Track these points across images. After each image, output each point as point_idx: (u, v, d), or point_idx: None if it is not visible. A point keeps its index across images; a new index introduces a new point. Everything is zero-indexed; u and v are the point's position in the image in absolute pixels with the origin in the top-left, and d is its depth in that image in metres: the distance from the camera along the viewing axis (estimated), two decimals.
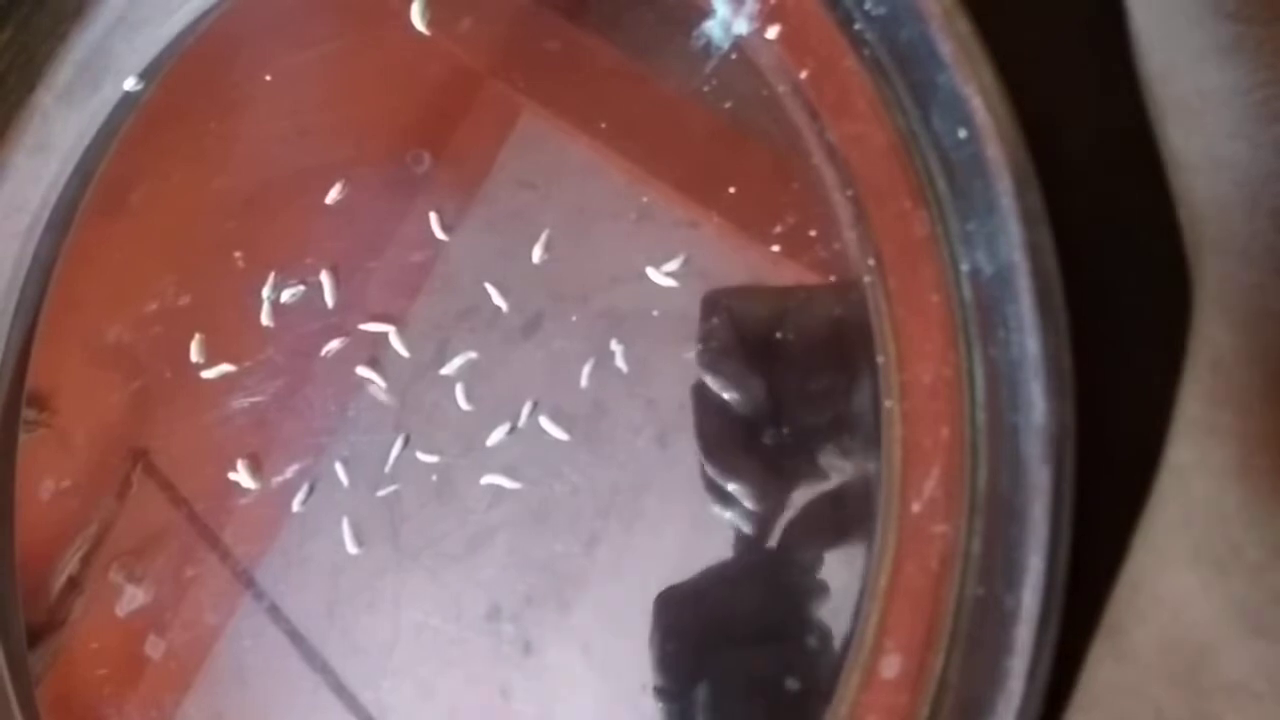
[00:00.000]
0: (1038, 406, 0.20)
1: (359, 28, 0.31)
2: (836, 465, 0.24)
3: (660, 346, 0.26)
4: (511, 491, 0.27)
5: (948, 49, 0.22)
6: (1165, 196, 0.21)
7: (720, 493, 0.25)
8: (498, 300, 0.28)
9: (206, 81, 0.32)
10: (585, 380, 0.27)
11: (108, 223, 0.33)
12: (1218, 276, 0.20)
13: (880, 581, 0.23)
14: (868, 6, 0.24)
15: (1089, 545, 0.20)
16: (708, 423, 0.25)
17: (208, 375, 0.31)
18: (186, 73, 0.32)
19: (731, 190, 0.26)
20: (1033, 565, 0.20)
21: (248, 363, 0.30)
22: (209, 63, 0.32)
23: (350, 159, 0.30)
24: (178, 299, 0.31)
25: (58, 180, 0.33)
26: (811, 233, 0.25)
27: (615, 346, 0.27)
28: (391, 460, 0.29)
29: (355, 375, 0.29)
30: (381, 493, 0.29)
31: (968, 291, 0.23)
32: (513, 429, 0.27)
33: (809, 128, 0.25)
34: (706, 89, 0.26)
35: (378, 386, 0.29)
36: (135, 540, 0.31)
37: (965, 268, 0.23)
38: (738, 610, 0.25)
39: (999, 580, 0.21)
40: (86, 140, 0.33)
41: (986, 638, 0.21)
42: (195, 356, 0.31)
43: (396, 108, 0.30)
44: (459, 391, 0.28)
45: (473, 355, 0.28)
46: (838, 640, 0.23)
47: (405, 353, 0.29)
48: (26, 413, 0.32)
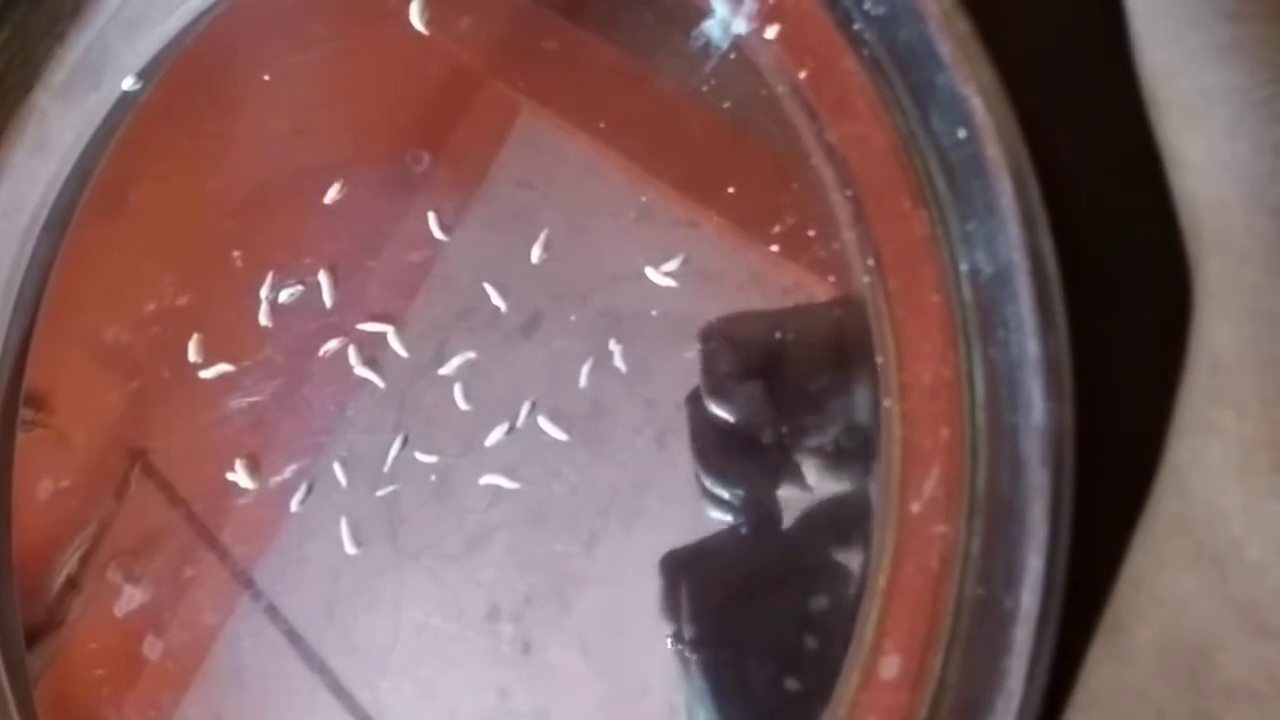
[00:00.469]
0: (1037, 407, 0.20)
1: (357, 27, 0.31)
2: (835, 466, 0.24)
3: (659, 346, 0.26)
4: (510, 491, 0.27)
5: (947, 49, 0.22)
6: (1165, 196, 0.21)
7: (716, 500, 0.25)
8: (496, 300, 0.28)
9: (205, 81, 0.32)
10: (584, 380, 0.27)
11: (106, 222, 0.33)
12: (1218, 276, 0.20)
13: (879, 582, 0.23)
14: (867, 6, 0.24)
15: (1088, 545, 0.20)
16: (704, 432, 0.25)
17: (206, 375, 0.31)
18: (185, 72, 0.32)
19: (731, 190, 0.26)
20: (1032, 565, 0.20)
21: (246, 363, 0.30)
22: (207, 62, 0.32)
23: (349, 158, 0.30)
24: (176, 299, 0.31)
25: (56, 180, 0.33)
26: (810, 233, 0.25)
27: (614, 346, 0.27)
28: (390, 460, 0.29)
29: (354, 375, 0.29)
30: (380, 493, 0.28)
31: (967, 292, 0.23)
32: (512, 429, 0.27)
33: (808, 128, 0.25)
34: (705, 89, 0.26)
35: (376, 386, 0.29)
36: (133, 540, 0.31)
37: (965, 268, 0.23)
38: (738, 610, 0.25)
39: (998, 580, 0.21)
40: (84, 140, 0.32)
41: (986, 638, 0.21)
42: (193, 356, 0.31)
43: (395, 107, 0.30)
44: (458, 391, 0.28)
45: (471, 355, 0.28)
46: (836, 640, 0.23)
47: (404, 353, 0.29)
48: (24, 412, 0.32)
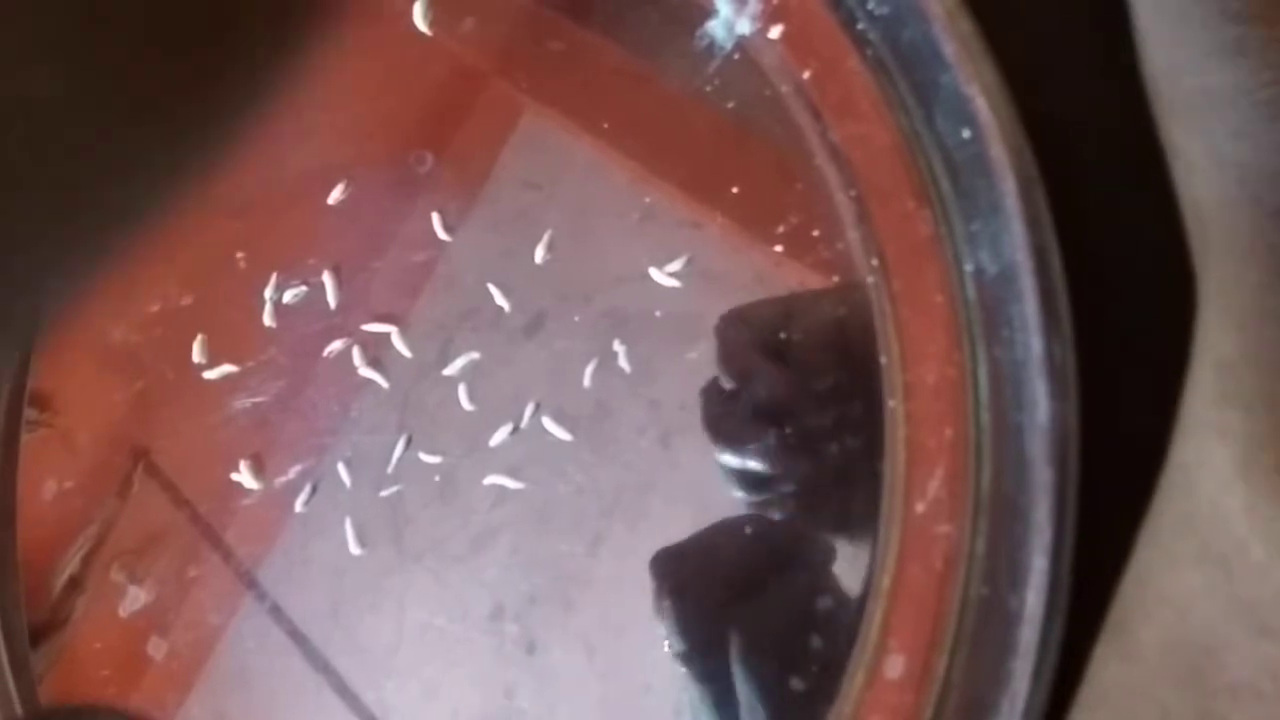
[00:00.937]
0: (1042, 406, 0.20)
1: (361, 28, 0.31)
2: (840, 466, 0.24)
3: (663, 347, 0.26)
4: (514, 492, 0.27)
5: (951, 49, 0.22)
6: (1169, 196, 0.21)
7: (732, 472, 0.25)
8: (500, 300, 0.28)
9: None
10: (588, 380, 0.27)
11: None
12: (1222, 276, 0.20)
13: (884, 582, 0.23)
14: (871, 6, 0.24)
15: (1093, 545, 0.20)
16: (718, 415, 0.25)
17: (210, 376, 0.31)
18: None
19: (735, 190, 0.26)
20: (1037, 565, 0.20)
21: (250, 363, 0.30)
22: None
23: (352, 159, 0.30)
24: (180, 299, 0.31)
25: None
26: (815, 233, 0.25)
27: (618, 347, 0.27)
28: (394, 461, 0.29)
29: (358, 375, 0.29)
30: (384, 493, 0.29)
31: (972, 292, 0.23)
32: (516, 429, 0.27)
33: (812, 128, 0.25)
34: (709, 89, 0.26)
35: (380, 387, 0.29)
36: (137, 540, 0.31)
37: (969, 268, 0.23)
38: (739, 611, 0.25)
39: (1003, 580, 0.21)
40: None
41: (991, 638, 0.21)
42: (198, 357, 0.31)
43: (399, 108, 0.30)
44: (462, 392, 0.28)
45: (475, 355, 0.28)
46: (841, 640, 0.23)
47: (408, 353, 0.29)
48: (29, 413, 0.32)
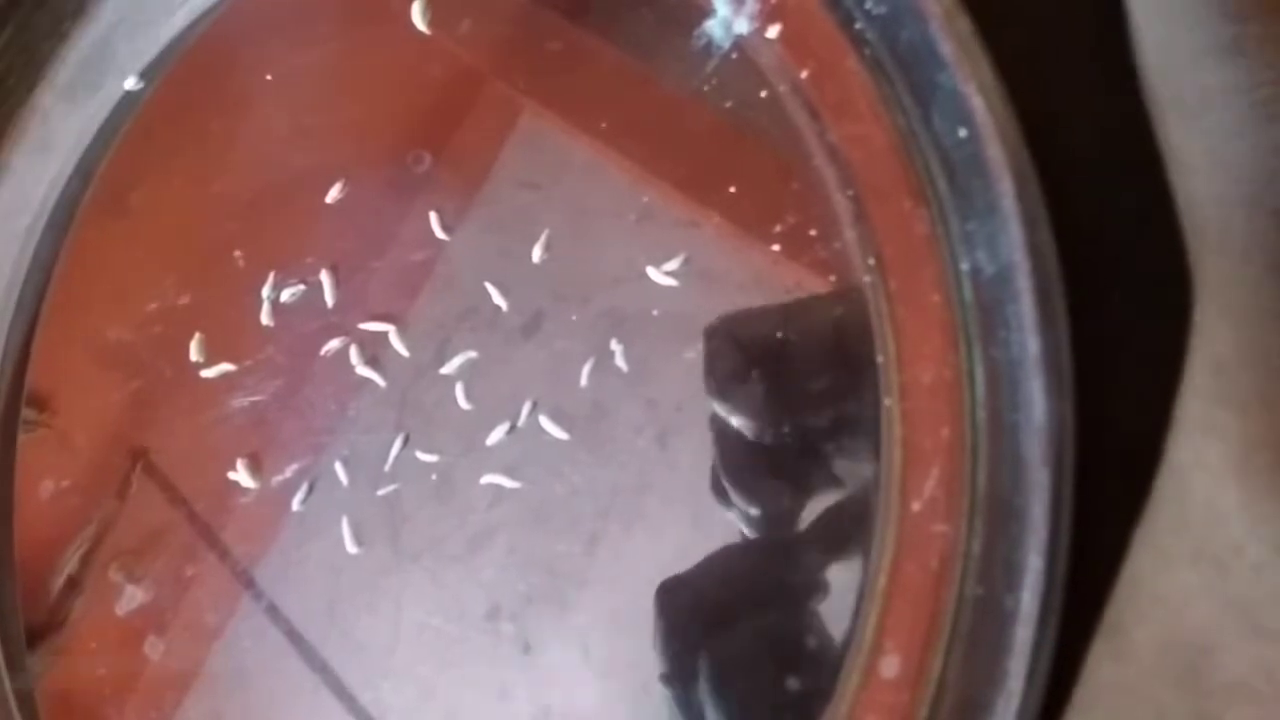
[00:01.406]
0: (1038, 406, 0.20)
1: (359, 28, 0.31)
2: (836, 465, 0.24)
3: (661, 346, 0.26)
4: (512, 491, 0.27)
5: (948, 48, 0.22)
6: (1166, 196, 0.21)
7: (723, 494, 0.25)
8: (498, 300, 0.28)
9: (207, 81, 0.32)
10: (585, 380, 0.27)
11: (109, 222, 0.33)
12: (1218, 276, 0.20)
13: (880, 581, 0.23)
14: (868, 6, 0.24)
15: (1089, 545, 0.20)
16: (721, 439, 0.25)
17: (208, 375, 0.31)
18: (187, 72, 0.32)
19: (732, 190, 0.26)
20: (1032, 565, 0.20)
21: (248, 362, 0.30)
22: (210, 62, 0.32)
23: (350, 159, 0.30)
24: (178, 298, 0.31)
25: (58, 180, 0.33)
26: (812, 232, 0.25)
27: (615, 346, 0.27)
28: (391, 459, 0.29)
29: (355, 375, 0.29)
30: (381, 492, 0.29)
31: (968, 291, 0.23)
32: (513, 428, 0.27)
33: (809, 127, 0.25)
34: (707, 89, 0.26)
35: (378, 386, 0.29)
36: (135, 540, 0.31)
37: (966, 267, 0.23)
38: (738, 610, 0.25)
39: (999, 580, 0.21)
40: (87, 140, 0.33)
41: (986, 638, 0.21)
42: (195, 356, 0.31)
43: (397, 108, 0.30)
44: (459, 391, 0.28)
45: (473, 355, 0.28)
46: (837, 640, 0.23)
47: (405, 352, 0.29)
48: (26, 412, 0.32)
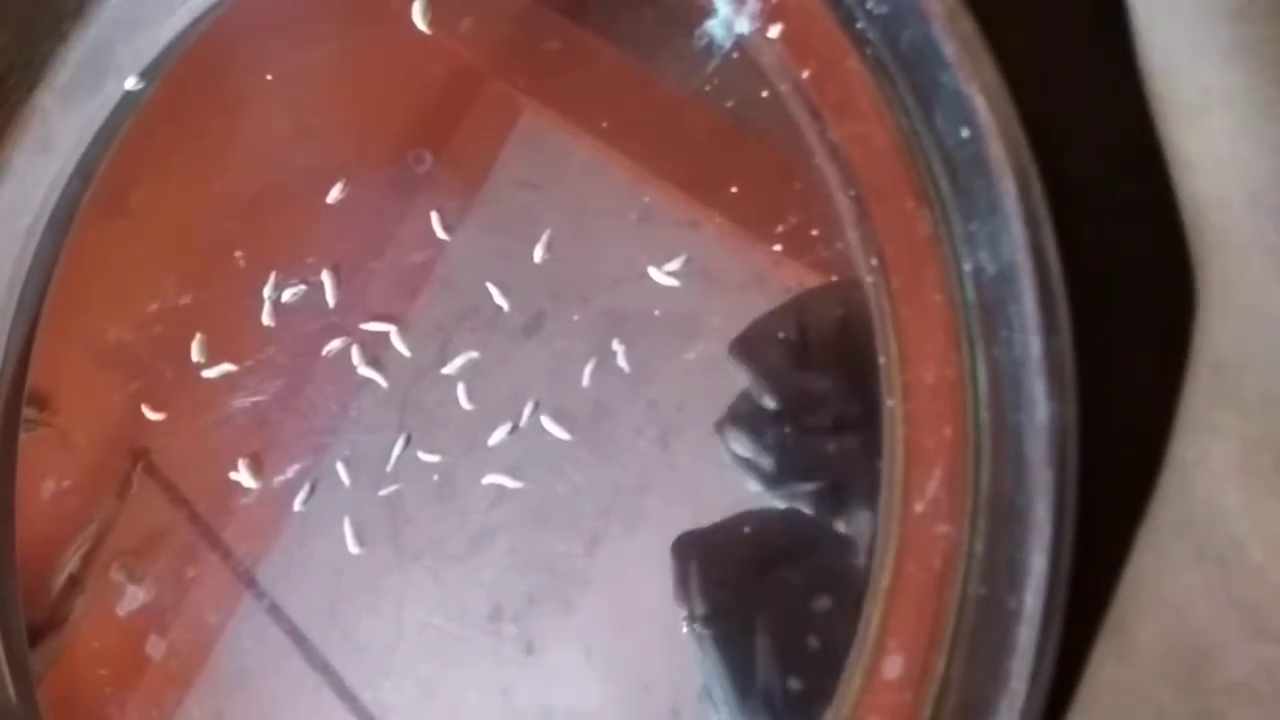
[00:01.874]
0: (1040, 406, 0.20)
1: (360, 27, 0.31)
2: (839, 465, 0.24)
3: (662, 346, 0.26)
4: (513, 491, 0.27)
5: (950, 48, 0.22)
6: (1168, 196, 0.21)
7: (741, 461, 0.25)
8: (499, 300, 0.28)
9: (207, 81, 0.32)
10: (587, 380, 0.27)
11: (109, 222, 0.33)
12: (1221, 276, 0.20)
13: (883, 581, 0.23)
14: (870, 6, 0.24)
15: (1092, 545, 0.20)
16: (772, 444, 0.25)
17: (209, 375, 0.31)
18: (187, 73, 0.32)
19: (733, 190, 0.26)
20: (1035, 565, 0.20)
21: (249, 362, 0.30)
22: (210, 62, 0.32)
23: (351, 159, 0.30)
24: (179, 298, 0.31)
25: (58, 180, 0.33)
26: (814, 232, 0.25)
27: (617, 346, 0.27)
28: (393, 460, 0.29)
29: (356, 375, 0.29)
30: (383, 492, 0.29)
31: (970, 291, 0.23)
32: (514, 429, 0.27)
33: (811, 127, 0.25)
34: (708, 88, 0.26)
35: (379, 386, 0.29)
36: (136, 540, 0.31)
37: (968, 267, 0.23)
38: (762, 577, 0.25)
39: (1001, 580, 0.21)
40: (87, 140, 0.33)
41: (989, 638, 0.21)
42: (196, 356, 0.31)
43: (397, 107, 0.30)
44: (460, 391, 0.28)
45: (474, 355, 0.28)
46: (840, 640, 0.23)
47: (406, 352, 0.29)
48: (27, 412, 0.32)
